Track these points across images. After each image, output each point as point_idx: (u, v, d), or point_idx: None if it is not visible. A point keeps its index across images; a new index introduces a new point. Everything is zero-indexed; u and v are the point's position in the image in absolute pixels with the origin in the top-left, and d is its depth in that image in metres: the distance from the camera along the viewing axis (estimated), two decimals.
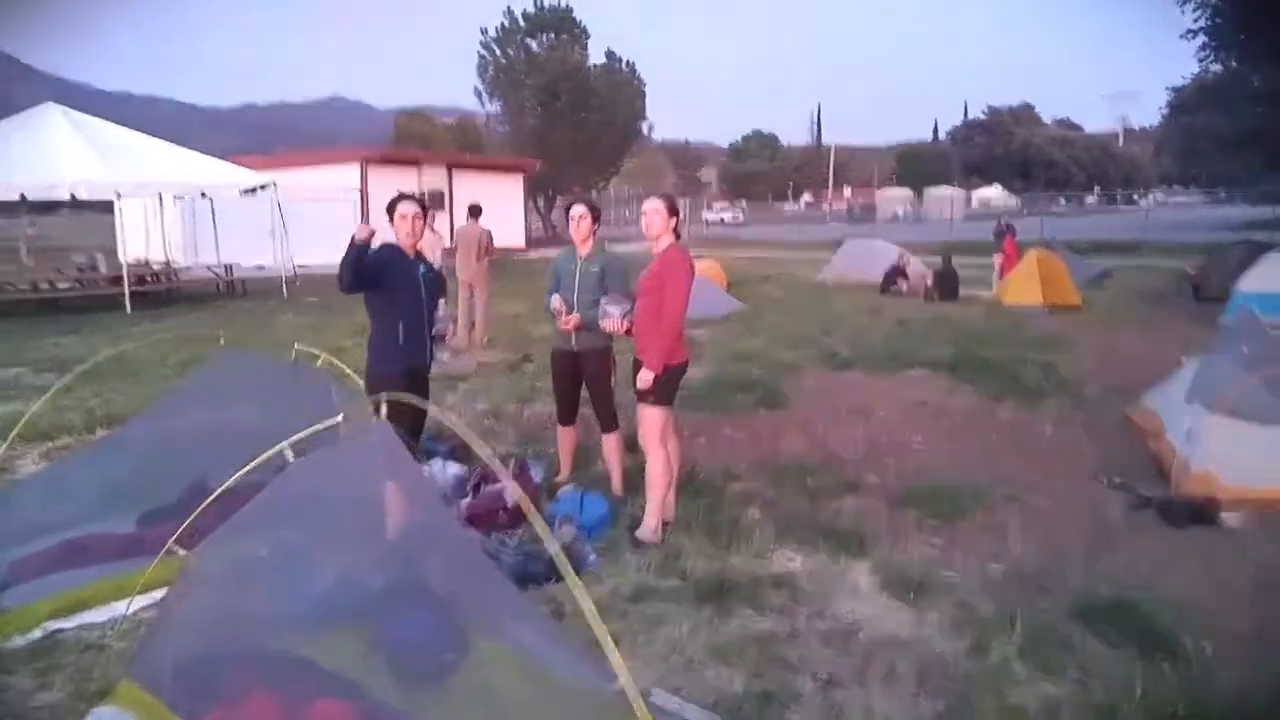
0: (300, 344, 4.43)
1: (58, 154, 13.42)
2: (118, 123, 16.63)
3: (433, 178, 27.34)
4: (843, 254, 19.59)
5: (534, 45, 41.88)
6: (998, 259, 16.33)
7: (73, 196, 13.53)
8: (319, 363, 4.36)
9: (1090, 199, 65.55)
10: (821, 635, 3.39)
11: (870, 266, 17.42)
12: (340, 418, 2.84)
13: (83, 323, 12.77)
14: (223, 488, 2.83)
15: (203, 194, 16.19)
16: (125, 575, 3.49)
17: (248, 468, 2.80)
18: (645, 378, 4.21)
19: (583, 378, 4.85)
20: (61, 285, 15.85)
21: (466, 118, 56.70)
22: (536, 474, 5.14)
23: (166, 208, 19.66)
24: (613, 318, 4.40)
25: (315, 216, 18.01)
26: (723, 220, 56.40)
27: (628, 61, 43.48)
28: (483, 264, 10.38)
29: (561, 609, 3.49)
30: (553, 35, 41.94)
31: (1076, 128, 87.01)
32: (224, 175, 15.71)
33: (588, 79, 41.20)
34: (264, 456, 2.75)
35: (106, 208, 16.53)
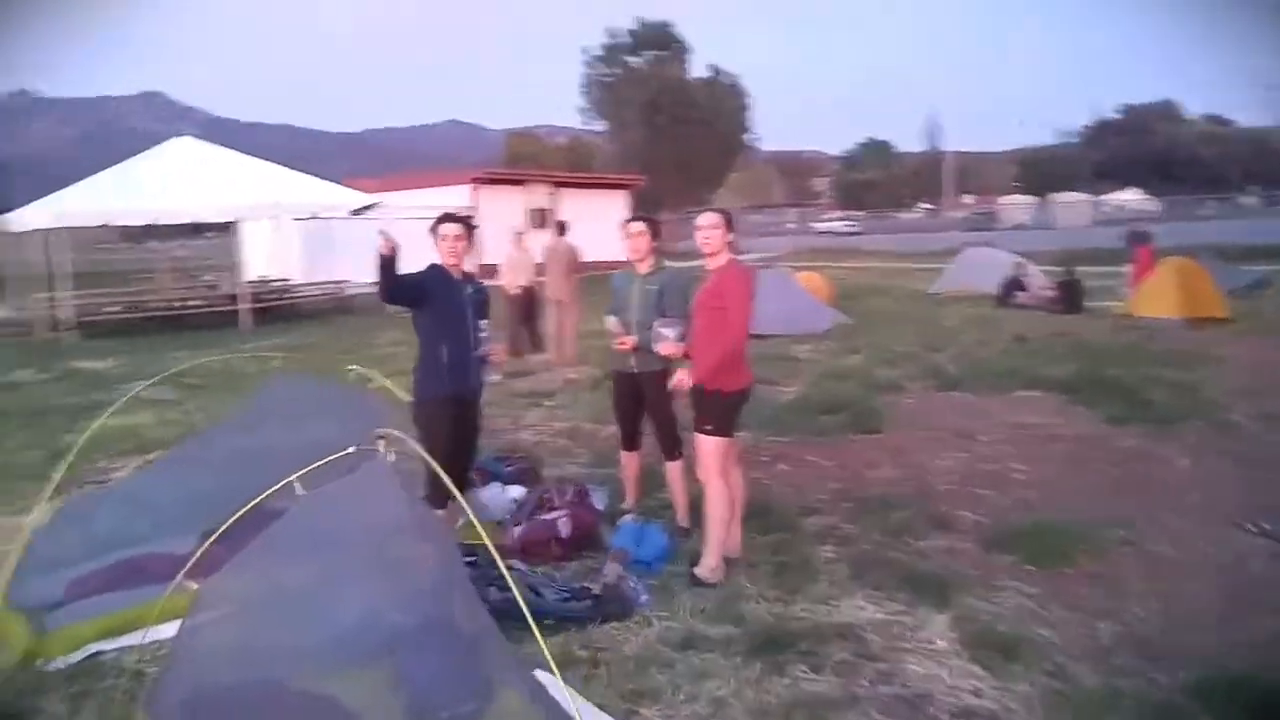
0: (397, 360, 4.42)
1: (184, 181, 14.39)
2: (257, 150, 17.80)
3: (540, 197, 27.84)
4: (959, 264, 18.55)
5: (636, 62, 42.31)
6: (1130, 268, 15.03)
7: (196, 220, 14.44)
8: (371, 385, 4.31)
9: (1247, 199, 59.86)
10: (884, 702, 2.97)
11: (987, 277, 16.38)
12: (352, 449, 2.69)
13: (202, 339, 13.56)
14: (228, 524, 2.74)
15: (314, 215, 16.98)
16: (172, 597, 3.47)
17: (256, 501, 2.70)
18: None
19: (643, 401, 4.59)
20: (191, 303, 16.97)
21: (577, 137, 57.79)
22: (599, 501, 4.92)
23: (288, 229, 20.78)
24: (667, 340, 4.13)
25: (425, 235, 18.62)
26: (832, 230, 54.87)
27: (730, 74, 43.31)
28: (571, 280, 10.29)
29: (598, 657, 3.24)
30: (654, 52, 42.24)
31: (1228, 123, 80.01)
32: (334, 197, 16.42)
33: (689, 93, 41.23)
34: (270, 491, 2.63)
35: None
